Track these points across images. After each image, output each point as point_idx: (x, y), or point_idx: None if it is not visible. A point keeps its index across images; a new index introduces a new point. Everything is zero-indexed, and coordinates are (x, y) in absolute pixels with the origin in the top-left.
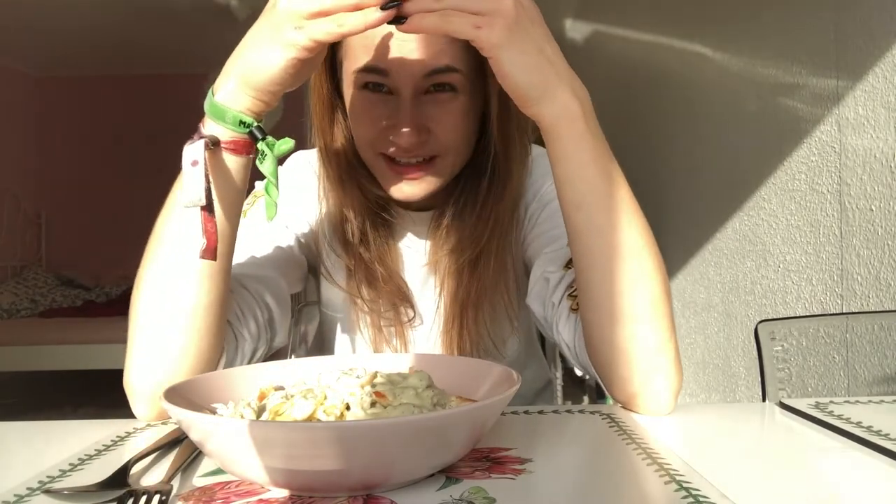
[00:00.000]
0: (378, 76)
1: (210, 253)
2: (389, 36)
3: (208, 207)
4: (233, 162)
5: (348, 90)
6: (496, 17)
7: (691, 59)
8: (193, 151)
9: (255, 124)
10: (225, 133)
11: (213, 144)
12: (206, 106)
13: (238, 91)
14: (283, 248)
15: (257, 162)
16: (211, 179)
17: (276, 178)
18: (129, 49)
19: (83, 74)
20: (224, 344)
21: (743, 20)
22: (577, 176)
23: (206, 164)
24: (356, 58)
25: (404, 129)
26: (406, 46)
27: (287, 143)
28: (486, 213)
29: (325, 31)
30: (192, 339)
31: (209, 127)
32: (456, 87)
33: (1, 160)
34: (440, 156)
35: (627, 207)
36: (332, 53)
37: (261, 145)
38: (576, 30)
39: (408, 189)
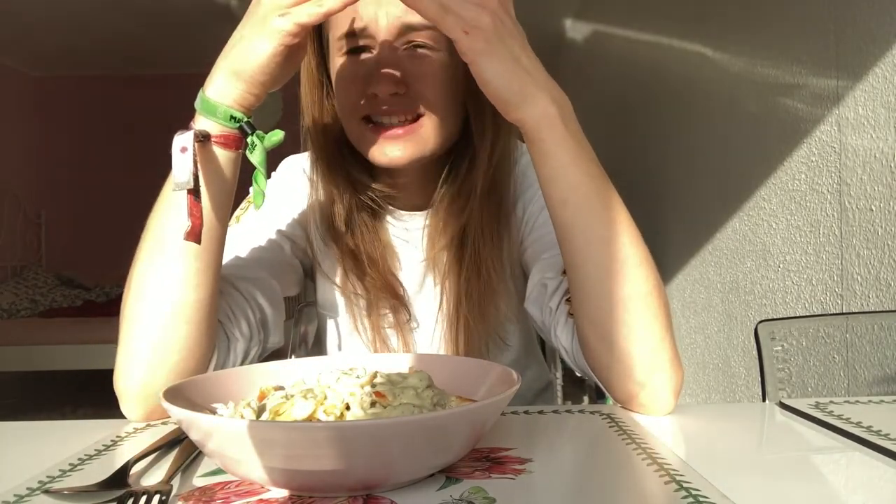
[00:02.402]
0: (357, 38)
1: (194, 236)
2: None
3: (195, 192)
4: (222, 156)
5: (333, 63)
6: (476, 29)
7: (691, 59)
8: (183, 139)
9: (246, 119)
10: (215, 128)
11: (204, 138)
12: (198, 102)
13: (228, 85)
14: (275, 250)
15: (247, 153)
16: (199, 167)
17: (265, 168)
18: (128, 49)
19: (83, 74)
20: (215, 344)
21: (743, 20)
22: (560, 174)
23: (194, 150)
24: (338, 26)
25: (383, 78)
26: (384, 2)
27: (277, 135)
28: (467, 183)
29: (308, 13)
30: (180, 338)
31: (200, 123)
32: (435, 44)
33: (1, 160)
34: (423, 115)
35: (613, 206)
36: (319, 32)
37: (251, 138)
38: (576, 30)
39: (391, 152)
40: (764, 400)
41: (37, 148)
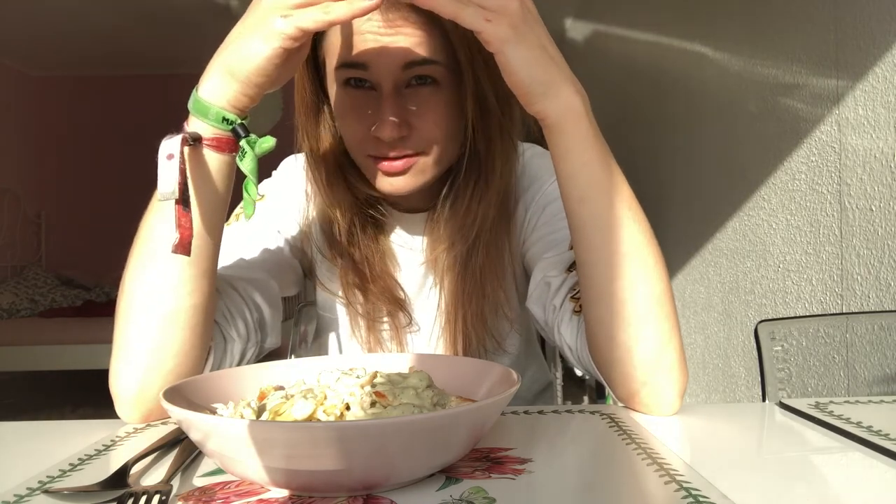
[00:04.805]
0: (358, 70)
1: (183, 248)
2: (368, 31)
3: (183, 201)
4: (215, 160)
5: (332, 89)
6: (502, 15)
7: (691, 59)
8: (170, 145)
9: (239, 121)
10: (207, 130)
11: (195, 141)
12: (190, 102)
13: (222, 85)
14: (274, 251)
15: (237, 159)
16: (188, 174)
17: (256, 176)
18: (129, 49)
19: (83, 74)
20: (211, 344)
21: (743, 20)
22: (581, 171)
23: (182, 157)
24: (336, 55)
25: (386, 122)
26: (385, 39)
27: (268, 142)
28: (472, 209)
29: (312, 18)
30: (175, 342)
31: (193, 124)
32: (437, 79)
33: (1, 160)
34: (425, 152)
35: (629, 204)
36: (314, 53)
37: (242, 143)
38: (576, 30)
39: (396, 183)
40: (764, 400)
41: (37, 148)
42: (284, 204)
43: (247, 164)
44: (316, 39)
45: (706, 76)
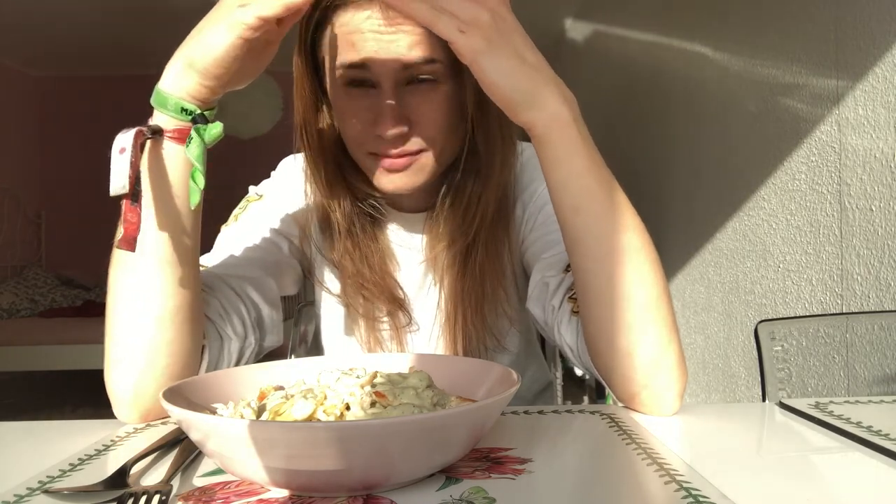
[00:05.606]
0: (358, 70)
1: (127, 243)
2: (369, 30)
3: (132, 196)
4: (179, 153)
5: (332, 88)
6: (475, 27)
7: (691, 59)
8: (123, 139)
9: (199, 111)
10: (169, 122)
11: (155, 134)
12: (152, 96)
13: (182, 76)
14: (272, 251)
15: (185, 147)
16: (148, 170)
17: (203, 165)
18: (128, 49)
19: (83, 74)
20: (206, 343)
21: (743, 20)
22: (573, 181)
23: (135, 151)
24: (336, 55)
25: (387, 120)
26: (385, 38)
27: (216, 128)
28: (472, 206)
29: (270, 6)
30: (165, 342)
31: (155, 118)
32: (437, 77)
33: (1, 160)
34: (426, 148)
35: (624, 210)
36: (313, 53)
37: (192, 130)
38: (576, 30)
39: (398, 181)
40: (764, 400)
41: (37, 148)
42: (283, 204)
43: (192, 151)
44: (315, 39)
45: (706, 76)
